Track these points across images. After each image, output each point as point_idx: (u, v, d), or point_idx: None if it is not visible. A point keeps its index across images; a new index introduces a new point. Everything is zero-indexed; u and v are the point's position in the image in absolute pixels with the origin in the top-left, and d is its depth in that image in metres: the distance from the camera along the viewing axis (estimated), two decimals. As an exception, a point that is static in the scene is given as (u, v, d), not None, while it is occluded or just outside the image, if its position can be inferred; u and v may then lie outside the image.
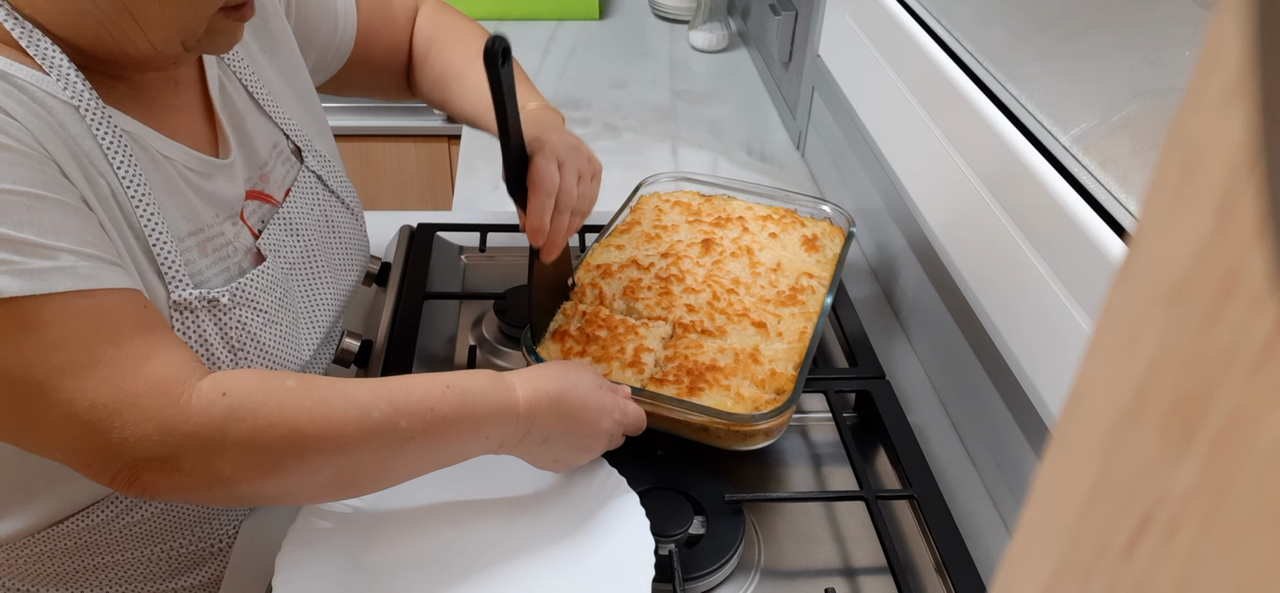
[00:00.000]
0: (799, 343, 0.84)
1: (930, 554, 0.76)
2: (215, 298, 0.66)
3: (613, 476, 0.74)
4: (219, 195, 0.70)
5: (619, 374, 0.80)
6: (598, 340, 0.84)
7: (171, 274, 0.63)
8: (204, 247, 0.67)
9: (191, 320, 0.65)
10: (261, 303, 0.70)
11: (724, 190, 1.07)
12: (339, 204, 0.84)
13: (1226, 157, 0.14)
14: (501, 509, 0.73)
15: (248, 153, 0.75)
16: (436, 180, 1.79)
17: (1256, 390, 0.14)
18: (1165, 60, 0.72)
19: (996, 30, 0.87)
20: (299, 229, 0.78)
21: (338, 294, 0.82)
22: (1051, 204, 0.71)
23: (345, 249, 0.84)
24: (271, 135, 0.78)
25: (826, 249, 0.98)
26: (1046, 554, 0.20)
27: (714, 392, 0.79)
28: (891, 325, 1.05)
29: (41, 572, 0.73)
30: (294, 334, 0.74)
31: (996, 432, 0.82)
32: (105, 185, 0.59)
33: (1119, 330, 0.17)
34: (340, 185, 0.85)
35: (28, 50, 0.58)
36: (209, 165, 0.69)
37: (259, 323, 0.69)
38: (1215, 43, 0.14)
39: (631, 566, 0.67)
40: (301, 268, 0.77)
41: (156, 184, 0.64)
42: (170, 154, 0.66)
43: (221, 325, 0.66)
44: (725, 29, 1.74)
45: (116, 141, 0.61)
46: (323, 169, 0.83)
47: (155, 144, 0.65)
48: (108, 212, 0.60)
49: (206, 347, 0.66)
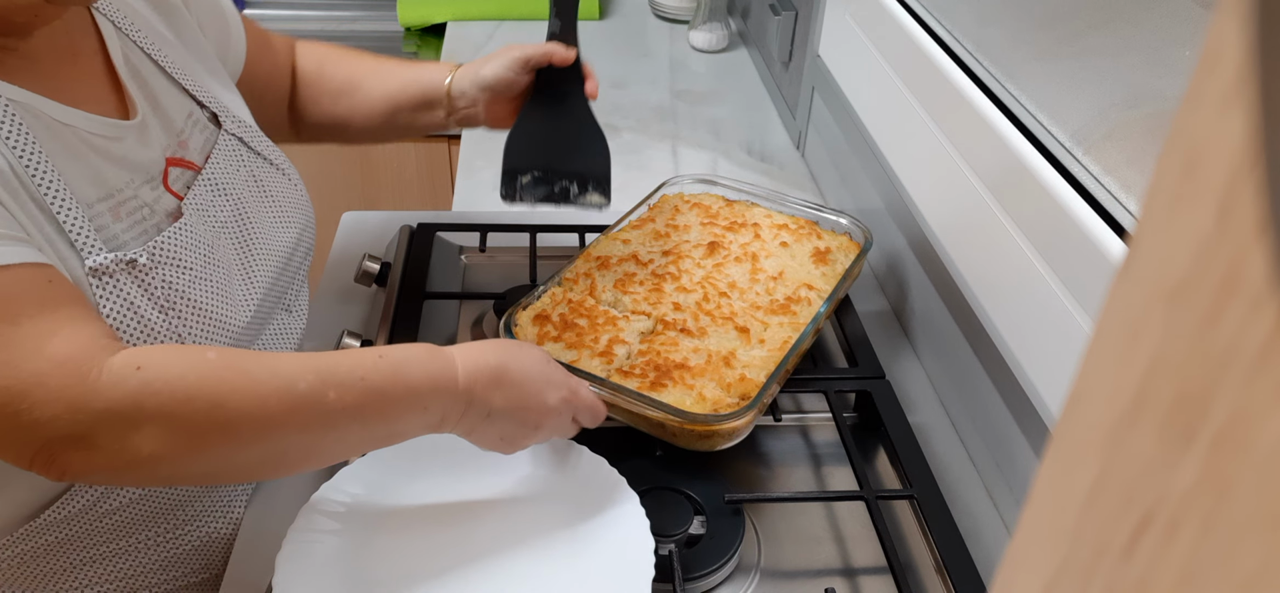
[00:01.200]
0: (779, 352, 0.83)
1: (930, 554, 0.76)
2: (133, 259, 0.64)
3: (613, 476, 0.74)
4: (132, 159, 0.69)
5: (586, 362, 0.80)
6: (575, 328, 0.85)
7: (82, 241, 0.62)
8: (117, 211, 0.66)
9: (113, 285, 0.63)
10: (184, 260, 0.69)
11: (748, 196, 1.07)
12: (267, 165, 0.84)
13: (1226, 157, 0.14)
14: (501, 509, 0.73)
15: (162, 120, 0.74)
16: (436, 180, 1.79)
17: (1256, 390, 0.14)
18: (1165, 60, 0.72)
19: (996, 30, 0.87)
20: (226, 189, 0.77)
21: (275, 252, 0.81)
22: (1051, 204, 0.71)
23: (279, 207, 0.83)
24: (184, 104, 0.77)
25: (838, 263, 0.96)
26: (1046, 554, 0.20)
27: (677, 390, 0.79)
28: (891, 325, 1.05)
29: (30, 572, 0.72)
30: (227, 291, 0.74)
31: (996, 432, 0.82)
32: (2, 162, 0.58)
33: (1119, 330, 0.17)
34: (265, 147, 0.85)
35: None
36: (116, 129, 0.68)
37: (186, 280, 0.68)
38: (1215, 43, 0.14)
39: (631, 566, 0.67)
40: (233, 226, 0.77)
41: (56, 153, 0.63)
42: (70, 121, 0.65)
43: (146, 287, 0.65)
44: (725, 29, 1.74)
45: (3, 113, 0.59)
46: (243, 132, 0.82)
47: (50, 112, 0.63)
48: (7, 185, 0.58)
49: (135, 311, 0.65)
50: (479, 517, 0.72)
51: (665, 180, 1.08)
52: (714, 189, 1.09)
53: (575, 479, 0.75)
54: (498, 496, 0.74)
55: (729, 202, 1.06)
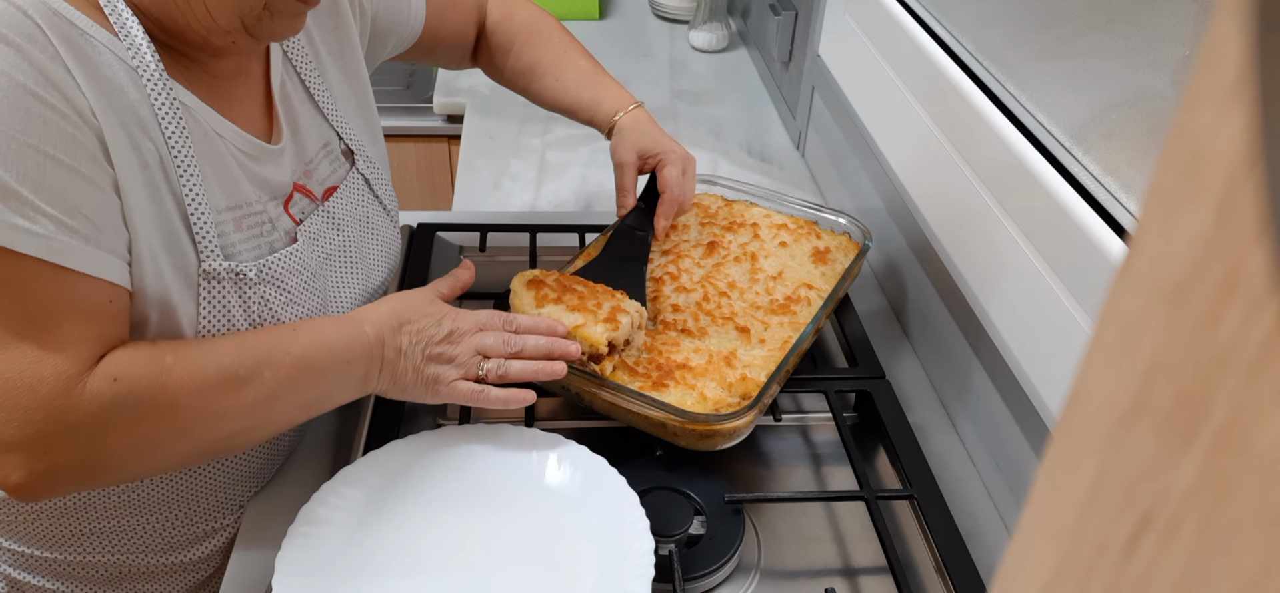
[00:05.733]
0: (779, 352, 0.83)
1: (930, 554, 0.76)
2: (242, 272, 0.68)
3: (613, 476, 0.74)
4: (265, 178, 0.73)
5: (591, 329, 0.79)
6: (575, 292, 0.84)
7: (205, 244, 0.65)
8: (239, 222, 0.69)
9: (217, 291, 0.67)
10: (286, 283, 0.72)
11: (747, 196, 1.07)
12: (380, 209, 0.88)
13: (1226, 156, 0.14)
14: (501, 509, 0.73)
15: (298, 146, 0.77)
16: (436, 180, 1.79)
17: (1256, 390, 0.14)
18: (1165, 60, 0.72)
19: (996, 30, 0.87)
20: (341, 224, 0.81)
21: (364, 291, 0.84)
22: (1051, 204, 0.71)
23: (380, 251, 0.87)
24: (324, 134, 0.81)
25: (837, 263, 0.96)
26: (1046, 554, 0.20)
27: (678, 390, 0.79)
28: (892, 325, 1.05)
29: (41, 532, 0.75)
30: None
31: (996, 432, 0.82)
32: (153, 149, 0.62)
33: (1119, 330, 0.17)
34: (385, 192, 0.89)
35: (107, 13, 0.61)
36: (259, 149, 0.72)
37: (281, 301, 0.71)
38: (1215, 43, 0.14)
39: (631, 566, 0.67)
40: (338, 259, 0.80)
41: (205, 156, 0.66)
42: (223, 132, 0.69)
43: (244, 300, 0.68)
44: (725, 29, 1.74)
45: (171, 111, 0.63)
46: (371, 174, 0.86)
47: (209, 120, 0.67)
48: (149, 176, 0.62)
49: (228, 319, 0.68)
50: (479, 517, 0.72)
51: None
52: (713, 189, 1.08)
53: (575, 479, 0.75)
54: (497, 495, 0.74)
55: (728, 202, 1.06)
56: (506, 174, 1.34)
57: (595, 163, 1.36)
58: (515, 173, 1.34)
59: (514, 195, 1.29)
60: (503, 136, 1.43)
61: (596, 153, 1.38)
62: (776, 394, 0.82)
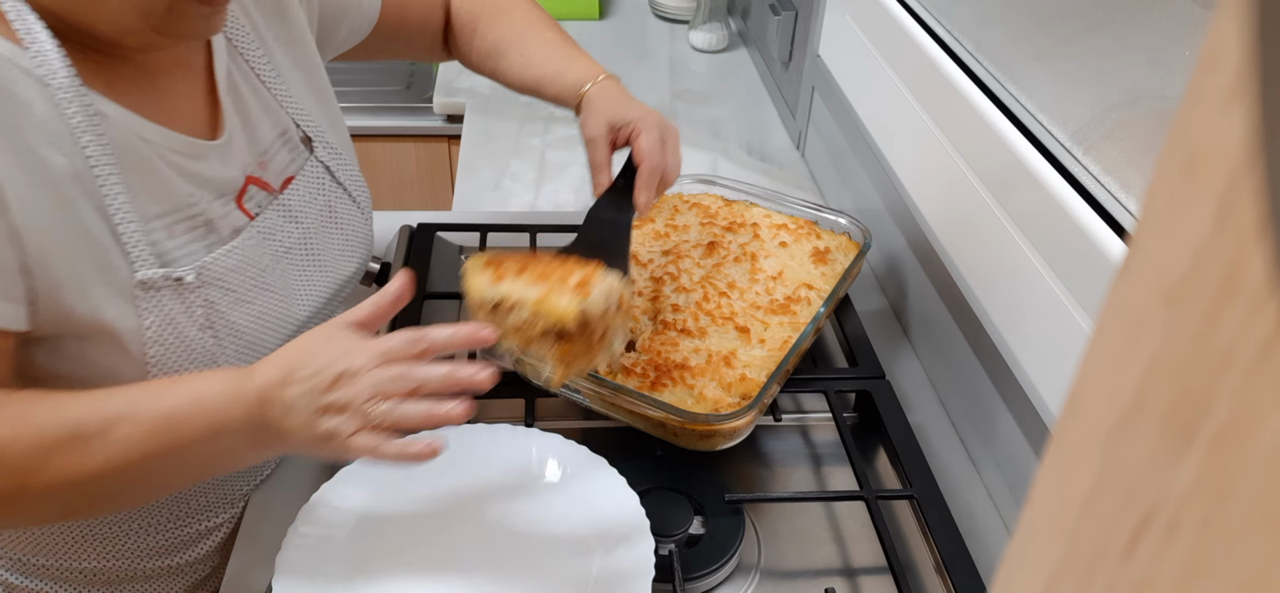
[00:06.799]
0: (779, 352, 0.83)
1: (930, 554, 0.76)
2: (180, 278, 0.65)
3: (613, 476, 0.74)
4: (207, 176, 0.69)
5: (556, 299, 0.64)
6: (539, 264, 0.69)
7: (136, 254, 0.63)
8: (172, 228, 0.67)
9: (157, 301, 0.64)
10: (230, 283, 0.69)
11: (747, 196, 1.07)
12: (345, 197, 0.84)
13: (1226, 156, 0.14)
14: (501, 509, 0.73)
15: (250, 136, 0.75)
16: (436, 180, 1.79)
17: (1256, 390, 0.14)
18: (1165, 60, 0.72)
19: (996, 30, 0.87)
20: (299, 216, 0.78)
21: (331, 283, 0.82)
22: (1051, 204, 0.71)
23: (346, 241, 0.84)
24: (279, 122, 0.78)
25: (837, 263, 0.96)
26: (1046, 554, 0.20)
27: (677, 389, 0.79)
28: (892, 325, 1.05)
29: (36, 536, 0.74)
30: (272, 317, 0.74)
31: (996, 432, 0.82)
32: (66, 164, 0.59)
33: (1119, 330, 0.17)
34: (349, 179, 0.85)
35: (11, 20, 0.58)
36: (196, 147, 0.69)
37: (228, 302, 0.69)
38: (1215, 43, 0.14)
39: (632, 566, 0.67)
40: (298, 253, 0.77)
41: (129, 165, 0.64)
42: (150, 136, 0.65)
43: (188, 306, 0.66)
44: (725, 29, 1.74)
45: (87, 121, 0.60)
46: (332, 160, 0.83)
47: (132, 126, 0.64)
48: (62, 197, 0.59)
49: (175, 328, 0.65)
50: (479, 517, 0.72)
51: None
52: (713, 189, 1.08)
53: (575, 479, 0.75)
54: (497, 495, 0.74)
55: (728, 201, 1.06)
56: (506, 174, 1.34)
57: (595, 163, 1.36)
58: (515, 173, 1.34)
59: (514, 195, 1.29)
60: (503, 137, 1.43)
61: (596, 153, 1.38)
62: (776, 394, 0.82)
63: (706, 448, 0.77)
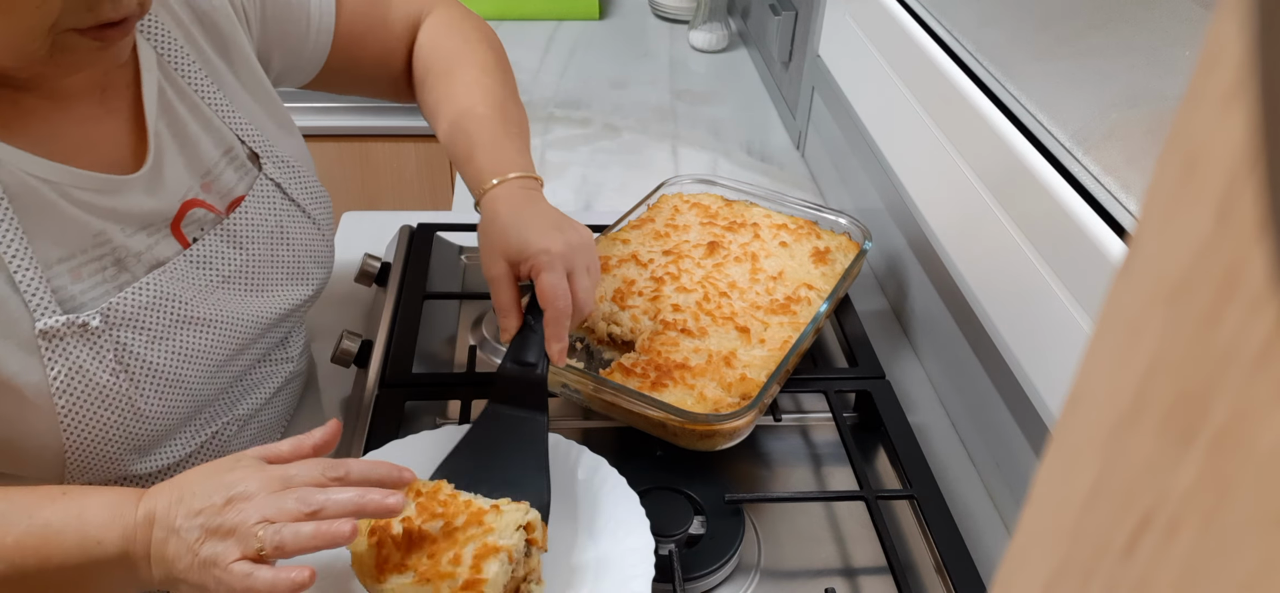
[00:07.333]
0: (779, 351, 0.83)
1: (930, 554, 0.76)
2: (85, 322, 0.62)
3: (613, 475, 0.74)
4: (127, 210, 0.66)
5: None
6: (423, 549, 0.61)
7: (36, 302, 0.60)
8: (78, 272, 0.64)
9: (61, 349, 0.62)
10: (142, 321, 0.66)
11: (747, 196, 1.07)
12: (299, 214, 0.81)
13: (1226, 157, 0.14)
14: (501, 509, 0.73)
15: (189, 158, 0.72)
16: (436, 180, 1.79)
17: (1256, 390, 0.14)
18: (1165, 60, 0.72)
19: (996, 30, 0.87)
20: (243, 241, 0.75)
21: (274, 310, 0.78)
22: (1051, 204, 0.71)
23: (298, 260, 0.80)
24: (223, 140, 0.75)
25: (837, 263, 0.96)
26: (1046, 554, 0.20)
27: (677, 389, 0.79)
28: (892, 325, 1.05)
29: None
30: (196, 352, 0.71)
31: (996, 432, 0.82)
32: None
33: (1119, 330, 0.17)
34: (304, 193, 0.81)
35: None
36: (110, 183, 0.65)
37: (142, 342, 0.66)
38: (1215, 43, 0.14)
39: (632, 566, 0.67)
40: (237, 280, 0.74)
41: (25, 209, 0.61)
42: (51, 177, 0.62)
43: (97, 352, 0.63)
44: (725, 29, 1.74)
45: None
46: (284, 176, 0.79)
47: (29, 169, 0.61)
48: None
49: (84, 375, 0.62)
50: (479, 517, 0.72)
51: (665, 180, 1.08)
52: (713, 189, 1.08)
53: (575, 479, 0.75)
54: (498, 496, 0.74)
55: (728, 201, 1.06)
56: (506, 174, 1.33)
57: (595, 163, 1.36)
58: (515, 173, 1.34)
59: (514, 195, 1.29)
60: (503, 137, 1.43)
61: (597, 153, 1.38)
62: (776, 394, 0.82)
63: (706, 448, 0.77)
